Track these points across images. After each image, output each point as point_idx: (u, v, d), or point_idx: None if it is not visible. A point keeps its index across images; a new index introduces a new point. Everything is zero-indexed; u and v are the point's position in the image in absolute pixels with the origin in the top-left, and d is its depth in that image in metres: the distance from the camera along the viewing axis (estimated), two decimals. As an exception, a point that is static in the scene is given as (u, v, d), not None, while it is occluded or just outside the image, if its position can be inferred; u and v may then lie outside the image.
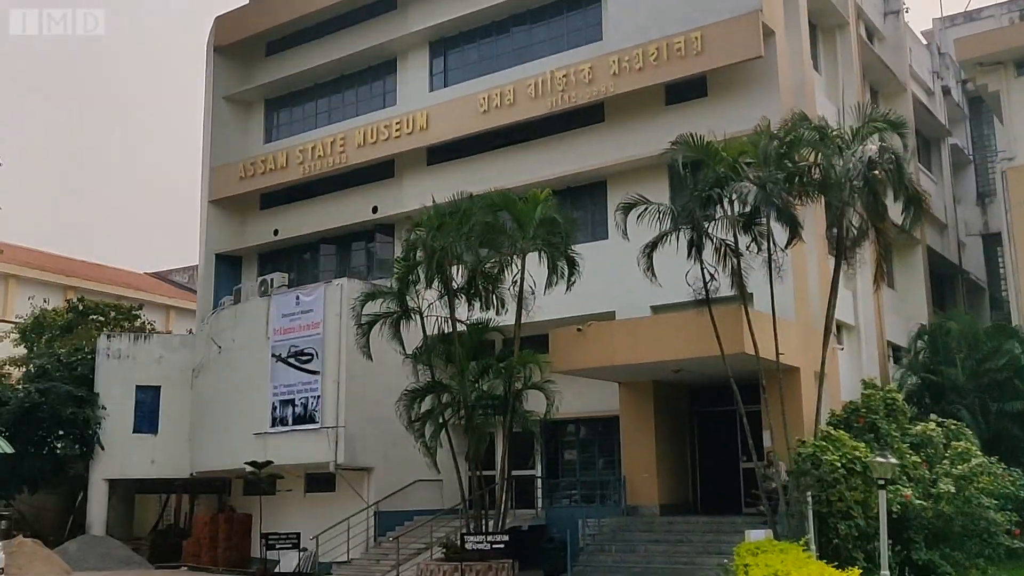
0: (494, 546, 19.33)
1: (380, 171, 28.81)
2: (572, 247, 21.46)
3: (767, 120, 17.71)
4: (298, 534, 23.32)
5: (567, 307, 22.74)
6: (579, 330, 20.66)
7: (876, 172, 16.40)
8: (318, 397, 24.53)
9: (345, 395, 24.33)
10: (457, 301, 21.58)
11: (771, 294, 17.87)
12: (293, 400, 25.02)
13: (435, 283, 21.33)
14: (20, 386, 30.73)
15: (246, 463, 24.09)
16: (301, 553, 24.15)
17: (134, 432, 29.89)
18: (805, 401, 20.80)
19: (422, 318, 21.58)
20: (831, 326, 18.80)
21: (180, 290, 52.79)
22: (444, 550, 20.56)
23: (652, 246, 18.71)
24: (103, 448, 29.52)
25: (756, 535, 16.99)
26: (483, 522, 20.75)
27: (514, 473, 22.68)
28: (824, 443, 17.58)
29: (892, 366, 27.43)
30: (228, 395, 27.19)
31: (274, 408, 25.33)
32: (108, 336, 31.05)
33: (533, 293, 20.69)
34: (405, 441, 22.17)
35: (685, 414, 24.15)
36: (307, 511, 25.69)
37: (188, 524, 31.24)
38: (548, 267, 20.77)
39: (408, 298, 21.51)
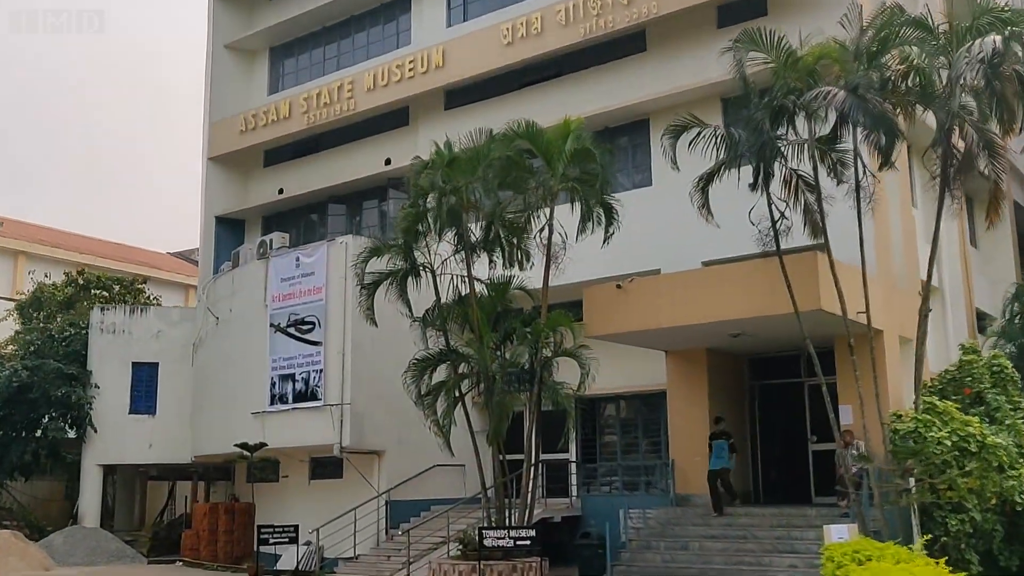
0: (518, 543, 16.18)
1: (393, 119, 25.72)
2: (611, 193, 18.20)
3: (857, 5, 14.18)
4: (296, 526, 20.34)
5: (604, 265, 19.53)
6: (619, 287, 17.40)
7: (1002, 72, 12.79)
8: (320, 371, 21.51)
9: (351, 368, 21.27)
10: (475, 257, 18.45)
11: (860, 234, 14.41)
12: (293, 375, 22.03)
13: (448, 235, 18.21)
14: (7, 364, 28.18)
15: (236, 445, 21.18)
16: (304, 548, 21.22)
17: (130, 413, 27.29)
18: (891, 370, 17.39)
19: (434, 276, 18.45)
20: (932, 272, 15.32)
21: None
22: (461, 546, 17.46)
23: (707, 178, 15.35)
24: (96, 431, 26.92)
25: (838, 531, 13.74)
26: (507, 513, 17.61)
27: (544, 457, 19.49)
28: (928, 416, 14.08)
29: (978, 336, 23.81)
30: (226, 371, 24.34)
31: (272, 384, 22.36)
32: (102, 309, 28.41)
33: (564, 243, 17.43)
34: (421, 421, 19.02)
35: (743, 388, 20.77)
36: (312, 500, 22.72)
37: (199, 515, 28.58)
38: (581, 211, 17.50)
39: (417, 252, 18.39)
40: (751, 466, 20.42)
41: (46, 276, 36.73)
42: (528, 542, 16.22)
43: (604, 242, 18.16)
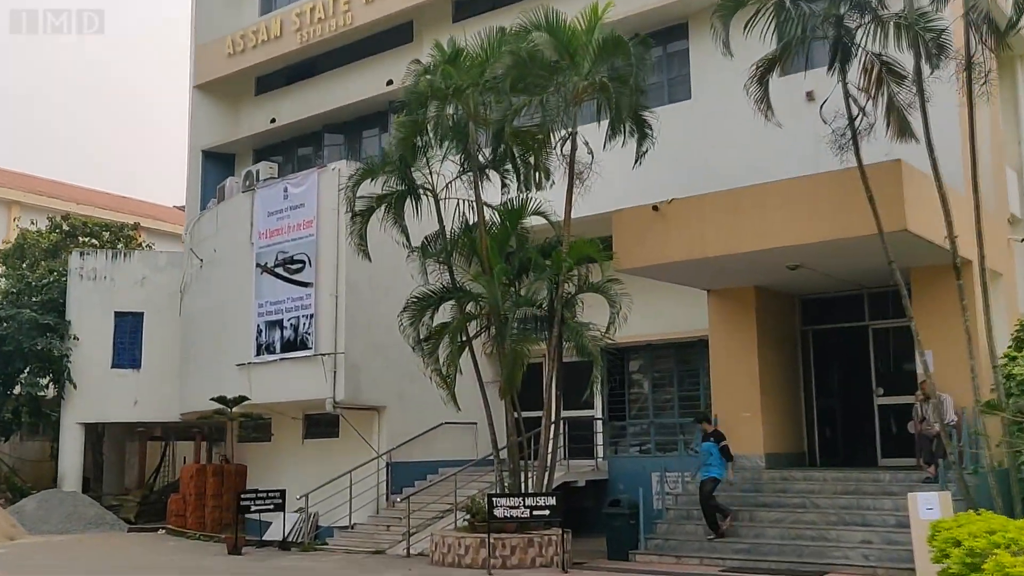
0: (535, 512, 13.61)
1: (395, 35, 22.94)
2: (645, 101, 15.37)
3: None
4: (282, 492, 17.92)
5: (635, 192, 16.64)
6: (655, 208, 14.61)
7: None
8: (311, 316, 18.90)
9: (345, 313, 18.62)
10: (485, 179, 15.72)
11: (970, 127, 11.49)
12: (281, 321, 19.45)
13: (453, 153, 15.47)
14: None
15: (212, 399, 18.68)
16: (296, 515, 18.77)
17: (113, 367, 24.92)
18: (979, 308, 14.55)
19: (436, 200, 15.74)
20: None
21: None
22: (469, 516, 14.91)
23: (768, 65, 12.45)
24: (75, 386, 24.57)
25: (927, 501, 11.13)
26: (523, 477, 15.03)
27: (565, 414, 16.87)
28: (1052, 358, 11.26)
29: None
30: (211, 319, 21.82)
31: (259, 332, 19.81)
32: (81, 254, 25.95)
33: (591, 154, 14.61)
34: (425, 373, 16.43)
35: (796, 333, 17.97)
36: (306, 462, 20.24)
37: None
38: (610, 120, 14.66)
39: (416, 172, 15.66)
40: (804, 423, 17.70)
41: (32, 223, 34.49)
42: (547, 512, 13.66)
43: (636, 161, 15.35)
